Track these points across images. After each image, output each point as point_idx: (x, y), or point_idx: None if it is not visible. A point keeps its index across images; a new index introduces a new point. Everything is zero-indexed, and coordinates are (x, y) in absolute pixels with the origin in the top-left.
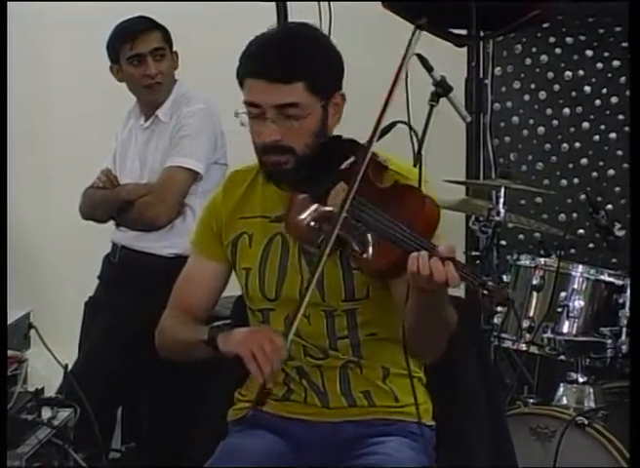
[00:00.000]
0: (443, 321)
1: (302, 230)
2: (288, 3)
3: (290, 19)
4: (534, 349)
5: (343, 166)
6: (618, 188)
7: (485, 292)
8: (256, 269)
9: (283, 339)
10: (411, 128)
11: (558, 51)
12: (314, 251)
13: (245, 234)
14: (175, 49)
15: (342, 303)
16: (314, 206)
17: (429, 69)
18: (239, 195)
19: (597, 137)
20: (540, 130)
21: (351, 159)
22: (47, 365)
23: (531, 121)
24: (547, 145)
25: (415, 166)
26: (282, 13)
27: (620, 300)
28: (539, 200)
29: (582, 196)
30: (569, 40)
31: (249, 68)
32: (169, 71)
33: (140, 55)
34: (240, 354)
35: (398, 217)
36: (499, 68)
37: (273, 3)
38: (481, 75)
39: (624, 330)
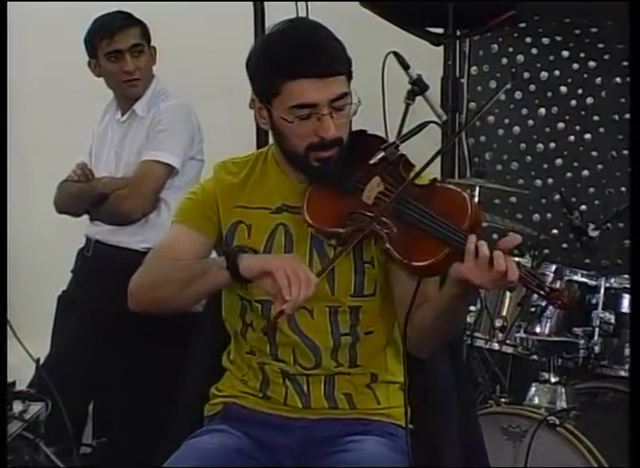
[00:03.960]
0: (460, 321)
1: (327, 221)
2: (265, 3)
3: (267, 20)
4: (506, 349)
5: (372, 161)
6: (592, 189)
7: (542, 293)
8: None
9: (316, 277)
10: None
11: (534, 51)
12: (332, 242)
13: (242, 224)
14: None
15: (350, 299)
16: (347, 198)
17: (406, 67)
18: (235, 184)
19: (572, 138)
20: (516, 129)
21: (380, 154)
22: (19, 358)
23: (506, 121)
24: (522, 145)
25: None
26: (259, 12)
27: (594, 301)
28: (513, 199)
29: (557, 196)
30: (545, 40)
31: (293, 70)
32: (146, 67)
33: (118, 51)
34: (271, 270)
35: (442, 215)
36: (475, 67)
37: (250, 2)
38: (457, 74)
39: (597, 330)
